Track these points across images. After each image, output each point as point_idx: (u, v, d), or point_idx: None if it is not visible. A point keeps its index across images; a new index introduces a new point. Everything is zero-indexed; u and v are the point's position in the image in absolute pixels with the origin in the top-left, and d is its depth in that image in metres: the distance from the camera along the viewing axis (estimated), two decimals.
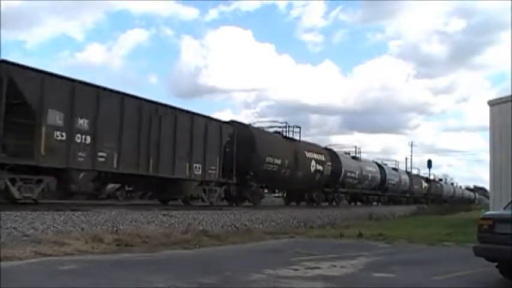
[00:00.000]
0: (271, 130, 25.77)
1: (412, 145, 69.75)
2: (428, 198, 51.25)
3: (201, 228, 13.79)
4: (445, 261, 10.32)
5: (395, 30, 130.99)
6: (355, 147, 37.20)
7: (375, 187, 37.66)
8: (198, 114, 18.66)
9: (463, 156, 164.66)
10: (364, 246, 12.52)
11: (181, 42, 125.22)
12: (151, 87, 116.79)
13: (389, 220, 25.14)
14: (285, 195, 30.30)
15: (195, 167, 18.09)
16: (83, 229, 11.06)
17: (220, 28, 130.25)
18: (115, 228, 11.66)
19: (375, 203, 38.15)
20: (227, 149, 20.27)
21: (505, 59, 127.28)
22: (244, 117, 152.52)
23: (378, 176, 38.18)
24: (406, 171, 50.92)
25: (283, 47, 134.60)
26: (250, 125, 23.72)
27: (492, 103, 21.88)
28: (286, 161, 24.09)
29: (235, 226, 15.49)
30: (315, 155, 27.69)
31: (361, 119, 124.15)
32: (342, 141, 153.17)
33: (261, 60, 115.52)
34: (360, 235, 14.69)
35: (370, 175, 36.21)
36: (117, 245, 10.19)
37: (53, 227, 10.71)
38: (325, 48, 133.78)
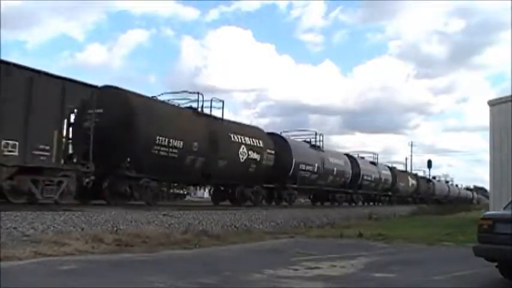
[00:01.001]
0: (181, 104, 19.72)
1: (412, 145, 69.93)
2: (416, 197, 48.05)
3: (201, 228, 13.78)
4: (445, 261, 10.33)
5: (395, 31, 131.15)
6: (316, 133, 30.09)
7: (344, 184, 32.19)
8: (14, 65, 12.10)
9: (463, 156, 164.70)
10: (364, 246, 12.52)
11: (182, 42, 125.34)
12: (152, 87, 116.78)
13: (389, 220, 25.11)
14: (212, 191, 23.68)
15: (6, 144, 11.82)
16: (83, 229, 11.05)
17: (221, 28, 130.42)
18: (115, 228, 11.65)
19: (345, 203, 33.25)
20: (86, 123, 14.23)
21: (505, 59, 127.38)
22: (245, 117, 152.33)
23: (348, 170, 32.69)
24: (389, 166, 44.54)
25: (284, 47, 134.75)
26: (126, 90, 16.84)
27: (492, 103, 21.89)
28: (195, 144, 18.27)
29: (235, 226, 15.48)
30: (246, 139, 21.54)
31: (361, 119, 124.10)
32: (343, 142, 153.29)
33: (261, 60, 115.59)
34: (360, 235, 14.69)
35: (335, 169, 30.42)
36: (117, 245, 10.18)
37: (53, 227, 10.69)
38: (325, 48, 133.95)
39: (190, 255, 10.00)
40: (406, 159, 65.87)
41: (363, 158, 38.49)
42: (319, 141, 29.71)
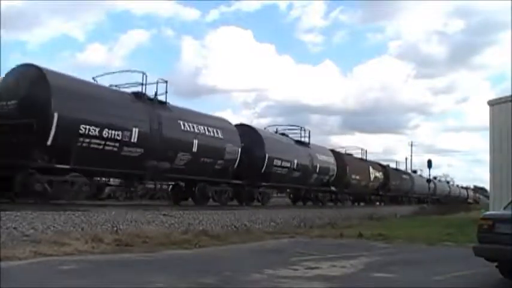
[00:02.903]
0: None
1: (412, 145, 69.81)
2: (383, 195, 39.78)
3: (201, 228, 13.79)
4: (445, 261, 10.33)
5: (395, 31, 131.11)
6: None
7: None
8: None
9: (463, 156, 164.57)
10: (364, 246, 12.52)
11: (182, 42, 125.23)
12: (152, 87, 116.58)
13: (389, 220, 25.09)
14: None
15: None
16: (83, 229, 11.06)
17: (221, 28, 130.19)
18: (115, 228, 11.65)
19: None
20: None
21: (505, 59, 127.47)
22: (245, 117, 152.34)
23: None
24: (335, 150, 32.59)
25: (284, 48, 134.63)
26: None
27: (492, 103, 21.90)
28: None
29: (235, 226, 15.49)
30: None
31: (361, 119, 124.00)
32: (343, 142, 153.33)
33: (261, 61, 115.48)
34: (360, 235, 14.69)
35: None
36: (117, 245, 10.19)
37: (53, 227, 10.70)
38: (325, 48, 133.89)
39: (190, 255, 10.00)
40: (406, 159, 65.95)
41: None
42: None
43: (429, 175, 47.54)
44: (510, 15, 76.66)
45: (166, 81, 17.85)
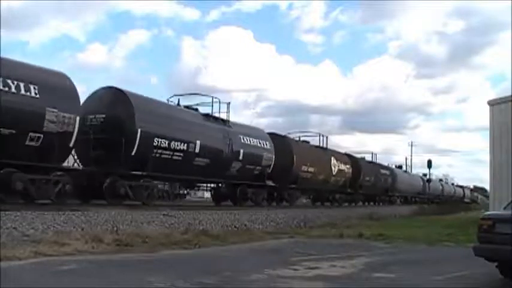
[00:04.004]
0: None
1: (412, 145, 69.67)
2: (352, 193, 33.67)
3: (201, 228, 13.79)
4: (445, 261, 10.33)
5: (395, 31, 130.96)
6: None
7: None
8: None
9: (463, 156, 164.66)
10: (364, 246, 12.52)
11: (182, 43, 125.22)
12: (152, 88, 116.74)
13: (389, 220, 25.09)
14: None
15: None
16: (83, 229, 11.06)
17: (221, 28, 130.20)
18: (115, 228, 11.65)
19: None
20: None
21: (505, 59, 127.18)
22: (245, 117, 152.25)
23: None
24: (276, 134, 26.95)
25: (284, 48, 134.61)
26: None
27: (492, 103, 21.90)
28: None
29: (235, 226, 15.49)
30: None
31: (361, 119, 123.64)
32: (343, 142, 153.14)
33: (262, 61, 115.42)
34: (360, 235, 14.70)
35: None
36: (117, 245, 10.18)
37: (53, 227, 10.71)
38: (325, 48, 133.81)
39: (190, 255, 10.00)
40: (406, 159, 65.80)
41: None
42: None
43: (429, 175, 47.33)
44: (510, 15, 76.72)
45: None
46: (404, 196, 46.15)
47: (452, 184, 74.42)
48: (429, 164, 43.38)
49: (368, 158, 40.24)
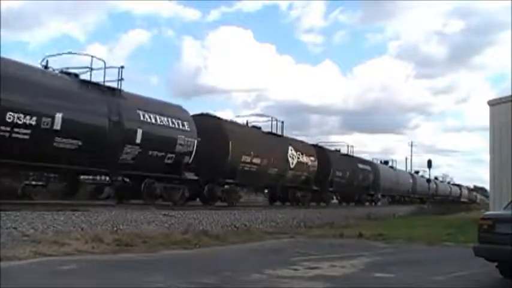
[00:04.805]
0: None
1: (412, 145, 69.55)
2: (320, 190, 28.33)
3: (201, 228, 13.79)
4: (445, 261, 10.32)
5: (395, 31, 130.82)
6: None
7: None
8: None
9: (463, 156, 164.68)
10: (364, 246, 12.52)
11: (183, 43, 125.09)
12: (152, 88, 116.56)
13: (388, 220, 25.10)
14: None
15: None
16: (82, 229, 11.05)
17: (221, 28, 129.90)
18: (115, 228, 11.65)
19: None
20: None
21: (505, 59, 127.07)
22: (244, 118, 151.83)
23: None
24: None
25: (284, 48, 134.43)
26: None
27: (492, 103, 21.94)
28: None
29: (235, 226, 15.49)
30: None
31: (361, 119, 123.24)
32: (343, 142, 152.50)
33: (262, 61, 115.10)
34: (360, 235, 14.70)
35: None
36: (117, 245, 10.18)
37: (53, 227, 10.70)
38: (325, 48, 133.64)
39: (190, 255, 10.00)
40: (406, 159, 65.64)
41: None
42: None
43: (429, 175, 47.14)
44: (510, 15, 76.75)
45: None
46: (391, 196, 41.97)
47: (448, 183, 70.17)
48: (429, 164, 43.21)
49: (360, 153, 36.68)
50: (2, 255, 7.89)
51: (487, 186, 29.19)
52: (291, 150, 25.41)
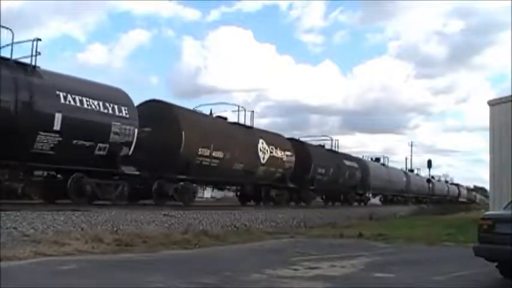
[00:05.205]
0: None
1: (412, 145, 69.44)
2: (299, 189, 26.05)
3: (201, 228, 13.79)
4: (445, 261, 10.32)
5: (395, 31, 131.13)
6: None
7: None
8: None
9: (463, 156, 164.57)
10: (364, 246, 12.52)
11: (183, 43, 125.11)
12: (152, 88, 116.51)
13: (389, 220, 25.08)
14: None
15: None
16: (82, 229, 11.05)
17: (221, 28, 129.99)
18: (115, 228, 11.65)
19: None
20: None
21: (505, 59, 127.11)
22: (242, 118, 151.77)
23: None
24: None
25: (284, 48, 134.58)
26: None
27: (492, 103, 21.93)
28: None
29: (235, 226, 15.49)
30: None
31: (361, 119, 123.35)
32: (343, 142, 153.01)
33: (262, 61, 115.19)
34: (360, 235, 14.69)
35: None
36: (117, 245, 10.18)
37: (53, 227, 10.70)
38: (325, 48, 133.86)
39: (190, 255, 10.00)
40: (406, 159, 65.51)
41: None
42: None
43: (429, 175, 47.02)
44: (510, 15, 76.70)
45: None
46: (383, 195, 39.69)
47: (446, 182, 67.66)
48: (429, 164, 43.10)
49: (351, 150, 33.76)
50: (2, 255, 7.89)
51: (487, 186, 29.19)
52: (262, 143, 22.75)
